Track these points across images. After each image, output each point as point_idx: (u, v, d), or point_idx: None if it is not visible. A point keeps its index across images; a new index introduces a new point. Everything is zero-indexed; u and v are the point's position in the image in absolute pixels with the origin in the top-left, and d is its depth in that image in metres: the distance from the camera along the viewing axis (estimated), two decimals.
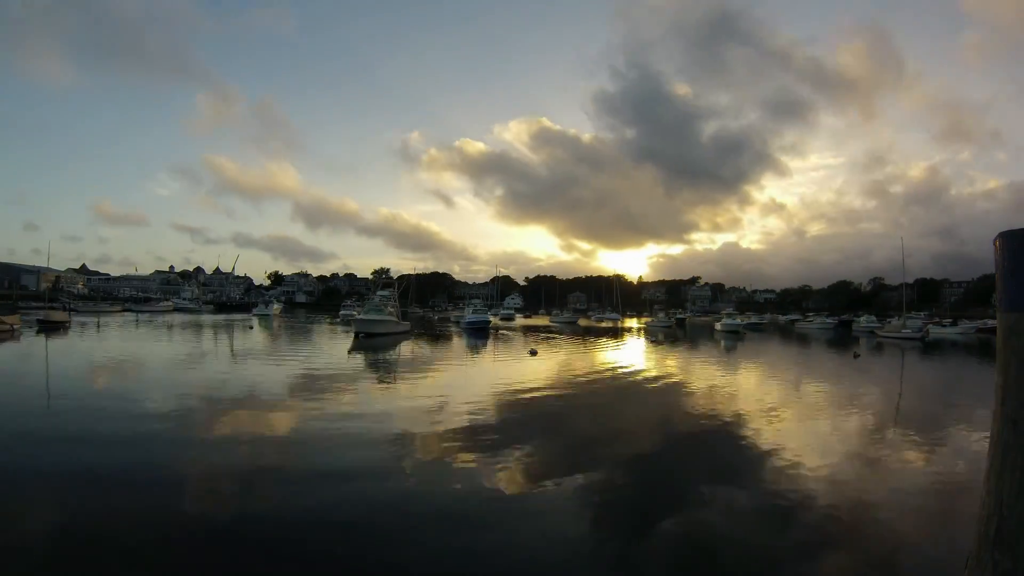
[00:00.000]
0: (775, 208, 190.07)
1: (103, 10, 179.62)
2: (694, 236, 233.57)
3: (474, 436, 8.57)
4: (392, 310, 37.65)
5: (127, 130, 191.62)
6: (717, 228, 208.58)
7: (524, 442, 8.22)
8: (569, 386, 14.64)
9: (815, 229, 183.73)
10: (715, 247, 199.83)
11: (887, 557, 4.77)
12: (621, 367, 20.04)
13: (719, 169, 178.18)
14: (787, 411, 11.58)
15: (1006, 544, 1.39)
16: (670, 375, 18.06)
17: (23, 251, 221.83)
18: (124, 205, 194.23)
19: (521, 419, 10.25)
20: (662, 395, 14.05)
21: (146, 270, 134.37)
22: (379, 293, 43.05)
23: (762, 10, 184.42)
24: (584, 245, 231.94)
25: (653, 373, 18.45)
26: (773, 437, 8.96)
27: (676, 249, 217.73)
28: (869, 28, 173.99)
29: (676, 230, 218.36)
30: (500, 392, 13.15)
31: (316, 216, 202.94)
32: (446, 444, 8.06)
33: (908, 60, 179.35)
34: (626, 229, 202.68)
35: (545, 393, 13.28)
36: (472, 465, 7.06)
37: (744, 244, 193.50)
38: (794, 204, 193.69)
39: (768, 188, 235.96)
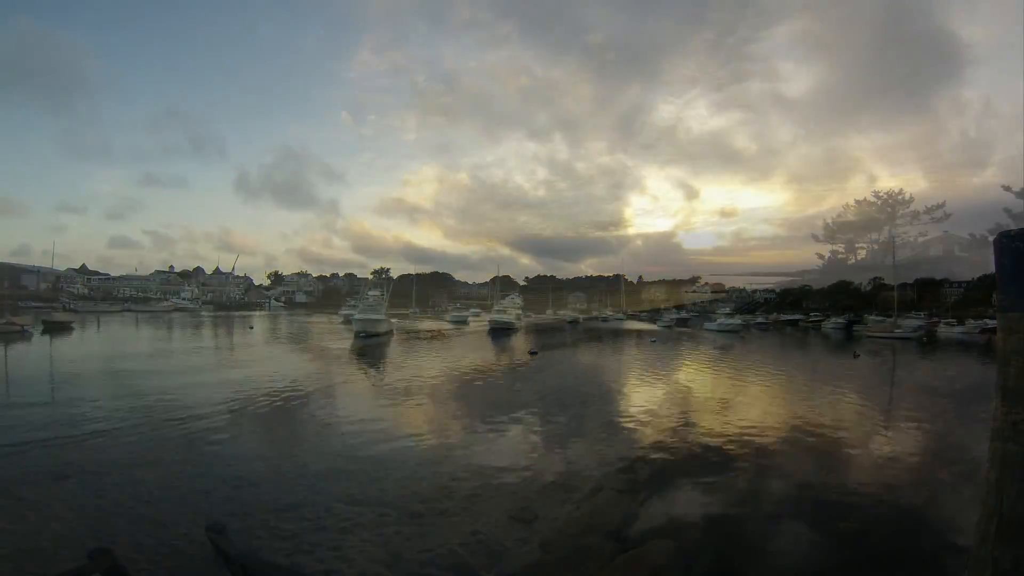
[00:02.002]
0: None
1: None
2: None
3: None
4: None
5: None
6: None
7: None
8: None
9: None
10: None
11: None
12: None
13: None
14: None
15: (1006, 543, 1.39)
16: None
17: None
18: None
19: None
20: None
21: (146, 270, 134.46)
22: (370, 292, 41.72)
23: None
24: (541, 258, 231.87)
25: None
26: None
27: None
28: None
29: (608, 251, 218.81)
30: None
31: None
32: None
33: None
34: (563, 250, 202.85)
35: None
36: None
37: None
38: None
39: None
